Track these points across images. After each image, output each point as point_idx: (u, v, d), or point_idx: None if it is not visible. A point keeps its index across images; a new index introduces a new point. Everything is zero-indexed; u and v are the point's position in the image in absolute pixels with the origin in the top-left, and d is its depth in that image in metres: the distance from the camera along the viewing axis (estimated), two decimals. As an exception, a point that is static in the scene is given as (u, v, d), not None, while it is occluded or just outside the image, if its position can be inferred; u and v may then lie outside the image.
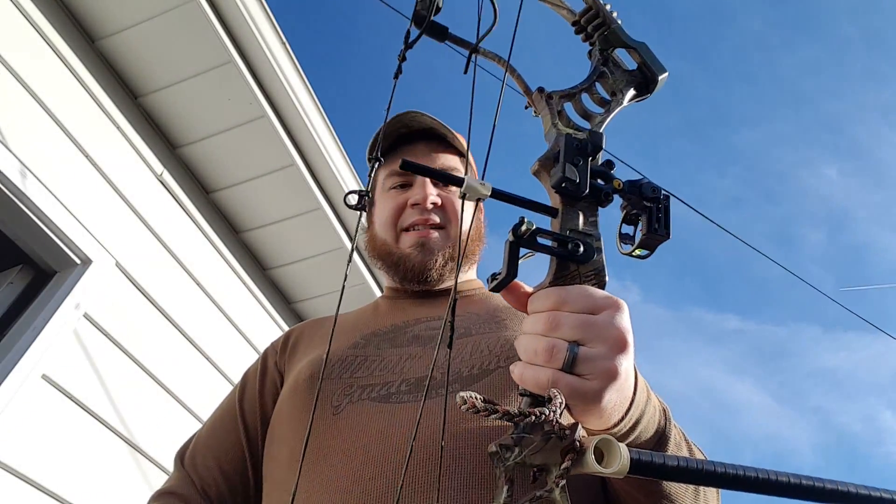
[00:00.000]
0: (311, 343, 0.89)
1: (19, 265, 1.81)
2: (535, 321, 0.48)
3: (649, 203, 0.52)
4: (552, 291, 0.48)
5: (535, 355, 0.46)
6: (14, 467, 1.53)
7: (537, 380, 0.45)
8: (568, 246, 0.48)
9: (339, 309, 0.55)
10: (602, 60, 0.62)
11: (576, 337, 0.46)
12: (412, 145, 0.98)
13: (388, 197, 0.96)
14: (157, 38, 1.99)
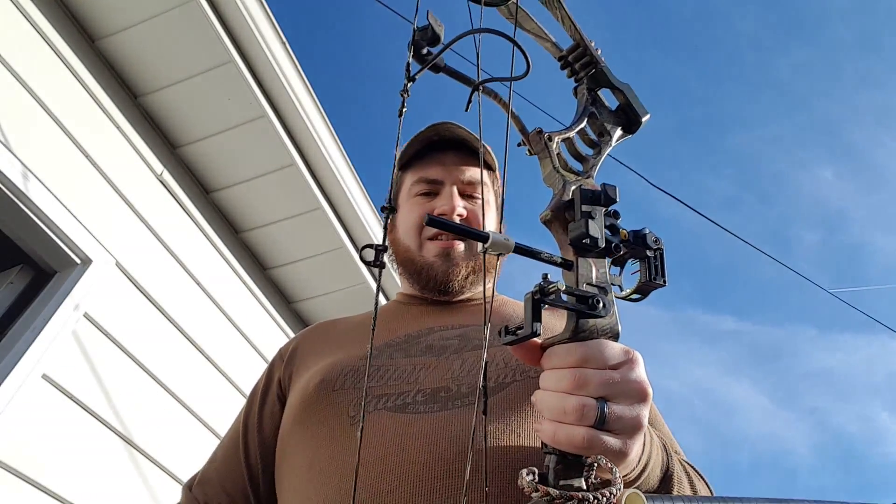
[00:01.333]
0: (320, 351, 0.87)
1: (19, 265, 1.81)
2: (560, 378, 0.48)
3: (650, 253, 0.54)
4: (574, 348, 0.48)
5: (565, 414, 0.46)
6: (14, 467, 1.53)
7: (572, 439, 0.46)
8: (588, 302, 0.49)
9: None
10: (590, 100, 0.62)
11: (602, 393, 0.47)
12: (442, 153, 0.96)
13: (414, 203, 0.95)
14: (157, 38, 1.99)
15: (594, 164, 0.59)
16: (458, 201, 0.91)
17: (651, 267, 0.53)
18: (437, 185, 0.94)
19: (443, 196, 0.93)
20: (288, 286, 2.74)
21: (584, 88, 0.63)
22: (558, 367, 0.48)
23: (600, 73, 0.63)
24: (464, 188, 0.94)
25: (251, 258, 2.59)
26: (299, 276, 2.68)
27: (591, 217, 0.51)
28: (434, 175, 0.94)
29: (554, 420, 0.47)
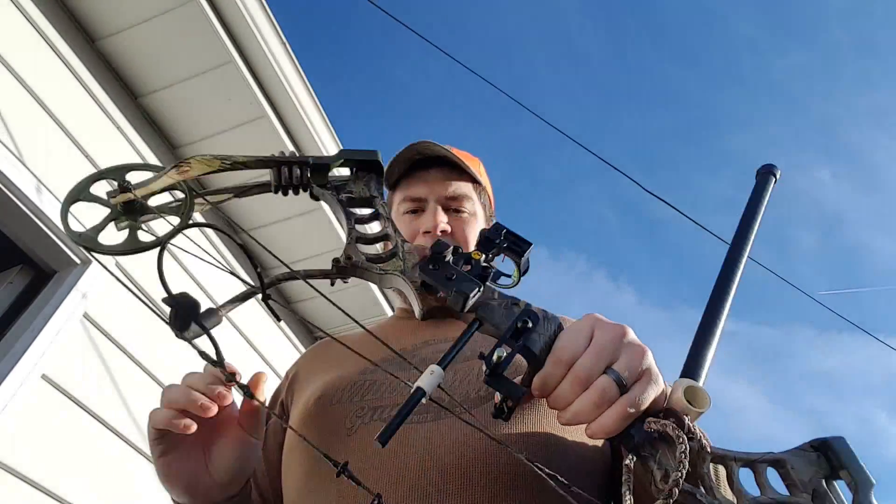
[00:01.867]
0: (320, 369, 0.89)
1: (19, 265, 1.81)
2: (568, 390, 0.49)
3: (503, 241, 0.58)
4: (554, 364, 0.50)
5: (597, 407, 0.48)
6: (14, 467, 1.53)
7: (620, 418, 0.48)
8: (520, 341, 0.51)
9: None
10: (334, 194, 0.62)
11: (603, 363, 0.49)
12: (426, 171, 0.98)
13: (402, 223, 0.97)
14: (157, 38, 1.99)
15: (388, 228, 0.60)
16: (440, 217, 0.94)
17: (512, 247, 0.57)
18: (421, 202, 0.97)
19: (427, 213, 0.95)
20: (288, 286, 2.74)
21: (318, 192, 0.63)
22: (558, 376, 0.50)
23: (315, 167, 0.62)
24: (448, 203, 0.96)
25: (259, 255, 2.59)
26: (299, 276, 2.67)
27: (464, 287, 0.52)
28: (418, 193, 0.97)
29: (595, 418, 0.48)
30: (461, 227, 0.95)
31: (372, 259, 0.57)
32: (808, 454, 0.47)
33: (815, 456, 0.47)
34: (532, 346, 0.50)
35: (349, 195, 0.62)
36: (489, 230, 0.57)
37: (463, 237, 0.95)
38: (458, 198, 0.96)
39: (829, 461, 0.46)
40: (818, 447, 0.47)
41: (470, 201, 0.98)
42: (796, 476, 0.46)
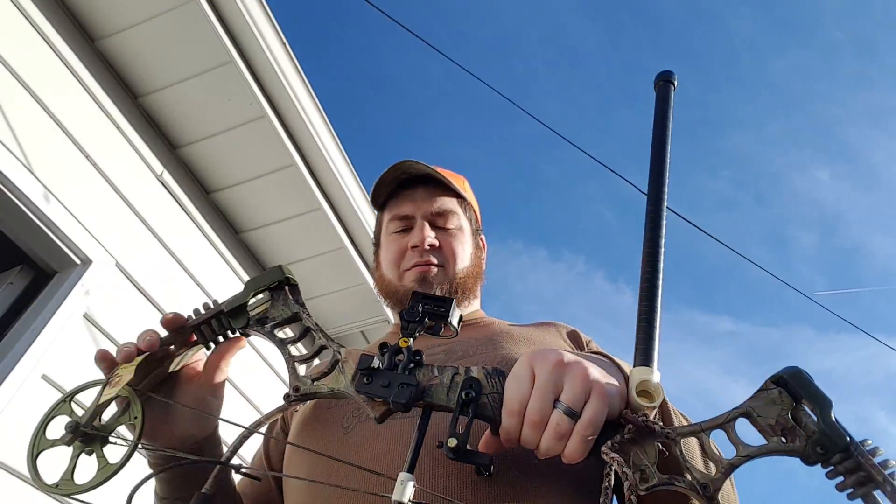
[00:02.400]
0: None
1: (19, 265, 1.81)
2: (529, 435, 0.54)
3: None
4: (508, 416, 0.54)
5: (559, 440, 0.52)
6: (14, 467, 1.53)
7: (580, 447, 0.52)
8: (469, 410, 0.55)
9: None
10: (261, 327, 0.65)
11: (550, 400, 0.53)
12: (412, 190, 1.01)
13: (392, 241, 1.01)
14: (157, 38, 1.99)
15: (320, 339, 0.63)
16: (427, 232, 0.97)
17: (434, 313, 0.62)
18: (409, 220, 1.00)
19: (415, 230, 0.98)
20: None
21: (246, 333, 0.67)
22: (515, 427, 0.54)
23: (231, 312, 0.65)
24: (434, 219, 0.99)
25: (251, 259, 2.59)
26: (300, 277, 2.63)
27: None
28: (405, 211, 1.00)
29: (562, 450, 0.53)
30: (448, 241, 0.98)
31: (317, 378, 0.59)
32: (770, 392, 0.50)
33: (777, 392, 0.50)
34: (484, 412, 0.55)
35: (274, 323, 0.64)
36: (406, 313, 0.60)
37: (450, 251, 0.98)
38: (444, 213, 1.00)
39: (791, 392, 0.49)
40: (777, 381, 0.50)
41: (456, 216, 1.01)
42: (764, 422, 0.49)
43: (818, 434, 0.46)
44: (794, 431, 0.48)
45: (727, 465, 0.49)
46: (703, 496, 0.48)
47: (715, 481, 0.49)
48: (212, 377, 0.70)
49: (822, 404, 0.47)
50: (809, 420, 0.48)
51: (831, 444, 0.46)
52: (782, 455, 0.48)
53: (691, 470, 0.49)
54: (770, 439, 0.49)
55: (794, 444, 0.48)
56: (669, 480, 0.49)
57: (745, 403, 0.51)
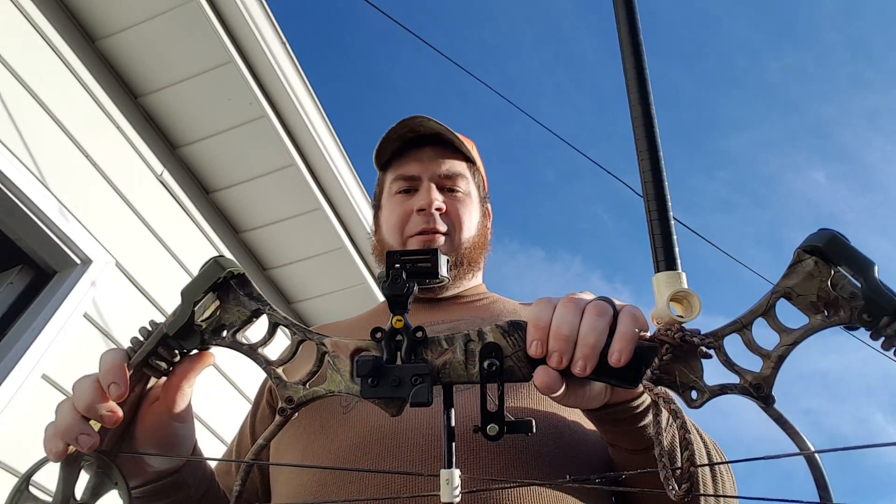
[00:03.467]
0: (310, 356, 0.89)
1: (19, 265, 1.81)
2: (564, 313, 0.49)
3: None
4: (537, 330, 0.49)
5: (600, 316, 0.48)
6: (14, 467, 1.53)
7: (632, 324, 0.48)
8: (502, 386, 0.49)
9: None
10: (219, 337, 0.54)
11: (577, 312, 0.49)
12: (419, 150, 0.96)
13: (395, 202, 0.95)
14: (157, 38, 1.99)
15: (296, 333, 0.54)
16: (435, 195, 0.91)
17: (416, 271, 0.52)
18: (415, 181, 0.94)
19: (421, 192, 0.92)
20: (288, 286, 2.74)
21: (205, 348, 0.55)
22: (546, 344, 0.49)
23: (178, 334, 0.53)
24: (442, 182, 0.93)
25: (251, 258, 2.59)
26: (299, 276, 2.68)
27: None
28: (412, 171, 0.94)
29: (603, 339, 0.48)
30: (455, 206, 0.93)
31: (307, 381, 0.52)
32: (805, 264, 0.46)
33: (813, 262, 0.46)
34: (512, 377, 0.49)
35: (234, 329, 0.54)
36: (389, 285, 0.50)
37: (457, 217, 0.93)
38: (453, 176, 0.94)
39: (828, 260, 0.45)
40: (811, 251, 0.46)
41: (464, 180, 0.96)
42: (805, 300, 0.46)
43: (864, 300, 0.43)
44: (837, 302, 0.44)
45: (776, 357, 0.45)
46: (758, 397, 0.45)
47: (767, 378, 0.45)
48: (173, 402, 0.58)
49: (865, 267, 0.43)
50: (848, 284, 0.44)
51: (879, 308, 0.42)
52: (828, 328, 0.45)
53: (741, 373, 0.46)
54: (813, 317, 0.45)
55: (837, 315, 0.44)
56: (721, 390, 0.46)
57: (780, 284, 0.46)
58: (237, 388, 2.33)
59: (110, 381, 0.53)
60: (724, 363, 0.47)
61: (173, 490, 0.65)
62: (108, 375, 0.53)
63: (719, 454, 0.69)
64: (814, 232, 0.46)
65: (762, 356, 0.46)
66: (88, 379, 0.54)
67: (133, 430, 0.58)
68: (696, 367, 0.47)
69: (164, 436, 0.59)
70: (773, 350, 0.46)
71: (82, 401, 0.53)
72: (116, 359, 0.54)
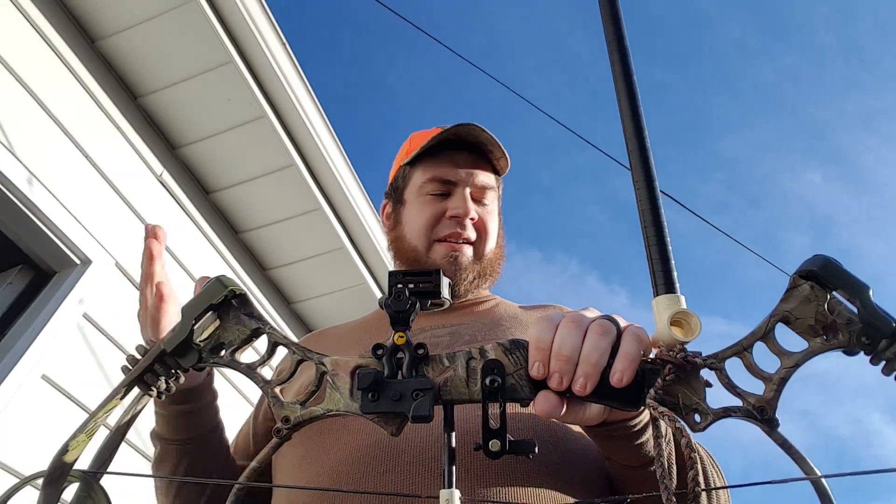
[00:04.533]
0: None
1: (19, 265, 1.81)
2: (566, 335, 0.48)
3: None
4: (538, 351, 0.49)
5: (604, 336, 0.48)
6: (14, 467, 1.53)
7: (636, 343, 0.48)
8: (503, 402, 0.49)
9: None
10: (218, 356, 0.54)
11: (579, 333, 0.49)
12: (456, 152, 0.95)
13: (426, 202, 0.94)
14: (157, 38, 1.99)
15: (294, 353, 0.54)
16: (471, 205, 0.92)
17: (421, 294, 0.53)
18: (450, 185, 0.94)
19: (456, 198, 0.92)
20: (288, 286, 2.74)
21: (202, 367, 0.55)
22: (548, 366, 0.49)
23: (175, 350, 0.53)
24: (476, 193, 0.94)
25: (251, 258, 2.59)
26: (299, 276, 2.68)
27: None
28: (450, 176, 0.94)
29: (605, 359, 0.48)
30: (484, 218, 0.94)
31: (305, 400, 0.51)
32: (801, 289, 0.46)
33: (809, 287, 0.46)
34: (515, 395, 0.48)
35: (232, 347, 0.54)
36: (393, 302, 0.51)
37: (485, 228, 0.94)
38: (486, 189, 0.95)
39: (823, 284, 0.46)
40: (806, 275, 0.46)
41: (493, 195, 0.97)
42: (804, 323, 0.46)
43: (861, 324, 0.43)
44: (835, 326, 0.45)
45: (777, 380, 0.46)
46: (762, 420, 0.45)
47: (770, 401, 0.45)
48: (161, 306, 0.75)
49: (860, 291, 0.44)
50: (844, 309, 0.45)
51: (877, 332, 0.43)
52: (828, 352, 0.45)
53: (744, 395, 0.46)
54: (812, 341, 0.46)
55: (836, 339, 0.45)
56: (725, 413, 0.46)
57: (778, 308, 0.47)
58: (244, 395, 2.33)
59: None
60: (726, 386, 0.47)
61: (194, 393, 0.76)
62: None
63: (715, 467, 0.69)
64: (809, 258, 0.47)
65: (763, 379, 0.47)
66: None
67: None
68: (699, 389, 0.47)
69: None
70: (775, 373, 0.46)
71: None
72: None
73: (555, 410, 0.48)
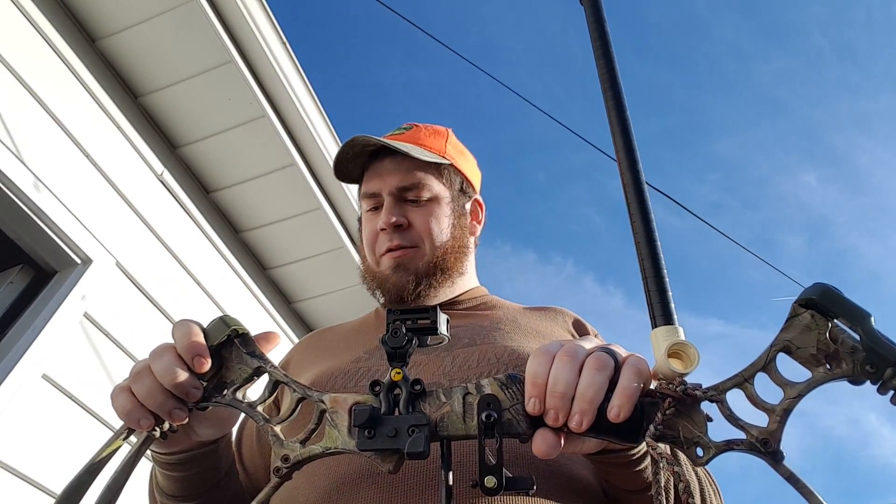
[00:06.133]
0: (311, 360, 0.88)
1: (19, 265, 1.81)
2: (560, 369, 0.48)
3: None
4: (534, 387, 0.48)
5: (600, 371, 0.47)
6: (14, 467, 1.53)
7: (635, 377, 0.47)
8: (500, 438, 0.48)
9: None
10: (219, 396, 0.55)
11: (575, 367, 0.48)
12: (380, 162, 0.93)
13: (366, 220, 0.95)
14: (157, 38, 1.99)
15: (296, 390, 0.54)
16: (390, 212, 0.89)
17: (418, 330, 0.53)
18: (377, 197, 0.93)
19: (383, 210, 0.91)
20: (288, 286, 2.74)
21: (207, 405, 0.56)
22: (563, 388, 0.48)
23: None
24: (402, 194, 0.91)
25: (251, 258, 2.59)
26: (299, 276, 2.68)
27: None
28: (372, 188, 0.93)
29: (602, 394, 0.47)
30: (419, 217, 0.91)
31: (305, 439, 0.51)
32: (802, 318, 0.46)
33: (809, 316, 0.46)
34: (511, 430, 0.48)
35: (234, 386, 0.54)
36: (390, 339, 0.51)
37: (424, 227, 0.90)
38: (411, 187, 0.91)
39: (824, 312, 0.45)
40: (805, 304, 0.46)
41: (425, 187, 0.92)
42: (805, 353, 0.45)
43: (864, 352, 0.43)
44: (838, 355, 0.44)
45: (780, 410, 0.45)
46: (766, 453, 0.44)
47: (774, 433, 0.44)
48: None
49: (862, 319, 0.43)
50: (847, 337, 0.44)
51: (881, 360, 0.42)
52: (831, 382, 0.45)
53: (747, 428, 0.46)
54: (815, 371, 0.45)
55: (840, 368, 0.44)
56: (727, 446, 0.46)
57: (779, 337, 0.46)
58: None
59: (194, 353, 0.54)
60: (728, 418, 0.46)
61: (207, 457, 0.67)
62: (192, 348, 0.54)
63: (717, 496, 0.68)
64: (808, 286, 0.47)
65: (766, 411, 0.46)
66: (168, 353, 0.55)
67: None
68: (700, 421, 0.47)
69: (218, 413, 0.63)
70: (778, 404, 0.46)
71: (168, 374, 0.53)
72: (194, 329, 0.56)
73: (552, 451, 0.47)
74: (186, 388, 0.53)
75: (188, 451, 0.66)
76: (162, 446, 0.64)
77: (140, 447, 0.56)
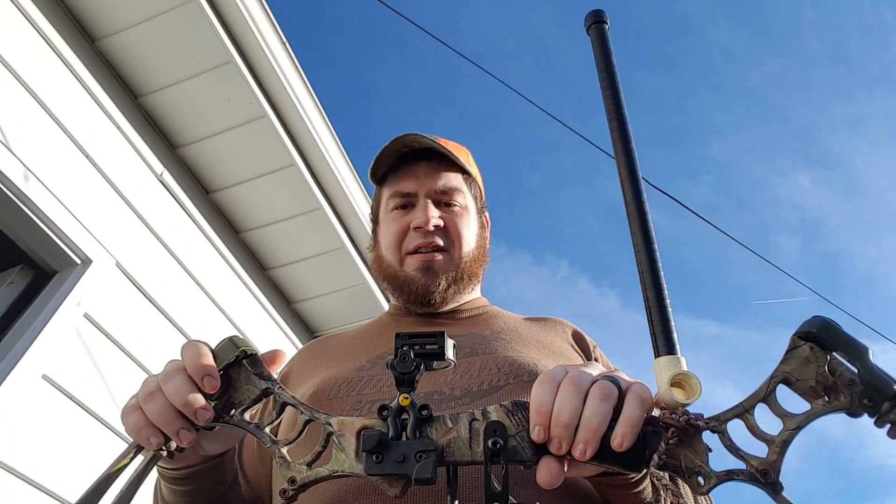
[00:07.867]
0: (314, 367, 0.88)
1: (19, 265, 1.81)
2: (566, 399, 0.48)
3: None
4: (540, 416, 0.49)
5: (604, 401, 0.48)
6: (14, 467, 1.53)
7: (639, 406, 0.48)
8: (505, 464, 0.49)
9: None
10: (227, 417, 0.56)
11: (580, 395, 0.49)
12: (415, 164, 0.95)
13: (392, 218, 0.94)
14: (157, 38, 1.99)
15: (301, 413, 0.55)
16: (432, 211, 0.91)
17: (426, 355, 0.53)
18: (411, 197, 0.93)
19: (418, 208, 0.92)
20: (288, 286, 2.74)
21: (215, 426, 0.56)
22: (568, 418, 0.48)
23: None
24: (439, 197, 0.93)
25: (251, 258, 2.59)
26: (299, 276, 2.68)
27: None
28: (408, 188, 0.94)
29: (606, 423, 0.48)
30: (453, 221, 0.93)
31: (312, 461, 0.52)
32: (801, 350, 0.47)
33: (808, 348, 0.46)
34: (516, 456, 0.49)
35: (242, 407, 0.55)
36: (398, 364, 0.51)
37: (456, 231, 0.92)
38: (449, 191, 0.93)
39: (823, 345, 0.46)
40: (805, 336, 0.47)
41: (461, 194, 0.95)
42: (805, 385, 0.46)
43: (862, 386, 0.43)
44: (836, 388, 0.45)
45: (780, 442, 0.45)
46: (766, 483, 0.45)
47: (774, 464, 0.45)
48: None
49: (860, 353, 0.44)
50: (846, 370, 0.45)
51: (879, 394, 0.43)
52: (830, 414, 0.45)
53: (747, 458, 0.46)
54: (814, 403, 0.46)
55: (839, 401, 0.45)
56: (728, 475, 0.46)
57: (779, 369, 0.47)
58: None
59: (204, 374, 0.54)
60: (729, 448, 0.47)
61: (212, 471, 0.68)
62: (201, 370, 0.54)
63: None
64: (807, 320, 0.48)
65: (766, 441, 0.46)
66: (179, 374, 0.55)
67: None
68: (702, 451, 0.47)
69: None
70: (778, 435, 0.46)
71: (178, 396, 0.54)
72: (204, 350, 0.56)
73: (555, 481, 0.48)
74: (196, 409, 0.54)
75: (194, 465, 0.66)
76: (168, 462, 0.64)
77: (147, 465, 0.57)
